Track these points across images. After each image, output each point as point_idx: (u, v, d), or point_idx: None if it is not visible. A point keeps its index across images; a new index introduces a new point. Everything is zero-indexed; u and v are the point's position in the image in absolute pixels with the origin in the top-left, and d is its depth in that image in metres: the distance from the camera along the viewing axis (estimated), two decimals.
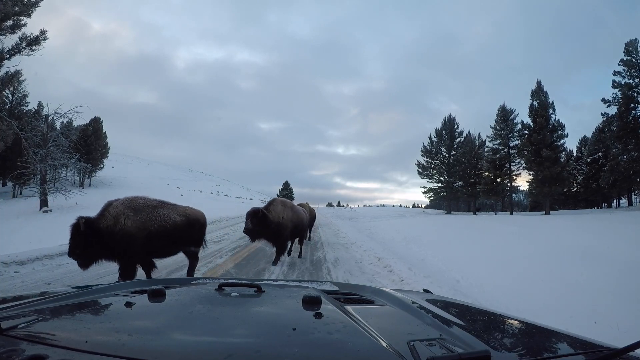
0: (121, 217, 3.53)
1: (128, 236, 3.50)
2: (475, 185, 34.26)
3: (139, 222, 3.61)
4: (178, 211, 4.02)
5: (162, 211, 3.87)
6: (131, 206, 3.68)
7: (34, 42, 15.49)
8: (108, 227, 3.44)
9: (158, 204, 3.96)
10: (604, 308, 3.81)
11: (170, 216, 3.89)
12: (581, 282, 4.86)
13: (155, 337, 0.67)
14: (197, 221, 4.22)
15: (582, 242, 8.74)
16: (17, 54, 15.37)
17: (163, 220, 3.80)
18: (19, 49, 15.31)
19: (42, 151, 18.11)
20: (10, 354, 0.53)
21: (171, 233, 3.81)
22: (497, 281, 5.04)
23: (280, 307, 0.93)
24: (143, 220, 3.65)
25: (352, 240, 9.62)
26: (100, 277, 4.39)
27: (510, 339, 0.87)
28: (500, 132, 32.46)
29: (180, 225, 3.92)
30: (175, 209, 4.02)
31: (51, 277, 4.46)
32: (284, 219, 5.69)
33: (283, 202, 6.07)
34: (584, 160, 37.01)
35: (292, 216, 5.95)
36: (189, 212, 4.16)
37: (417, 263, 6.42)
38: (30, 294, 1.04)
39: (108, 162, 42.03)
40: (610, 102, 26.41)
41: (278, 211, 5.66)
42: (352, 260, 6.47)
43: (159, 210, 3.86)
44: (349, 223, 17.55)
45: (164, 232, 3.76)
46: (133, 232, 3.54)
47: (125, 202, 3.73)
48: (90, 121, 35.55)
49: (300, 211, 6.53)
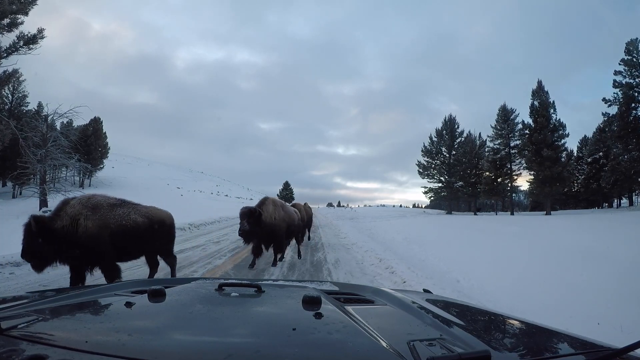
0: (80, 217, 3.29)
1: (93, 237, 3.26)
2: (475, 185, 34.24)
3: (99, 221, 3.37)
4: (140, 211, 3.75)
5: (122, 210, 3.60)
6: (89, 205, 3.42)
7: (32, 41, 15.35)
8: (64, 228, 3.20)
9: (117, 202, 3.69)
10: (607, 309, 3.78)
11: (131, 216, 3.61)
12: (583, 283, 4.83)
13: (155, 337, 0.67)
14: (162, 223, 3.90)
15: (583, 243, 8.72)
16: (15, 53, 15.23)
17: (122, 219, 3.53)
18: (16, 48, 15.18)
19: (42, 151, 18.07)
20: (10, 354, 0.53)
21: (131, 234, 3.53)
22: (498, 282, 5.01)
23: (280, 307, 0.92)
24: (103, 218, 3.40)
25: (352, 240, 9.55)
26: (96, 279, 4.30)
27: (510, 339, 0.87)
28: (501, 132, 32.44)
29: (142, 226, 3.63)
30: (136, 209, 3.74)
31: (46, 278, 4.34)
32: (277, 219, 5.46)
33: (274, 201, 5.79)
34: (585, 160, 36.97)
35: (284, 216, 5.73)
36: (152, 212, 3.85)
37: (418, 264, 6.39)
38: (30, 294, 1.04)
39: (108, 162, 42.03)
40: (611, 101, 26.40)
41: (270, 211, 5.38)
42: (353, 261, 6.40)
43: (118, 209, 3.59)
44: (350, 223, 17.50)
45: (123, 233, 3.48)
46: (96, 232, 3.29)
47: (82, 200, 3.47)
48: (90, 121, 35.55)
49: (292, 211, 6.36)
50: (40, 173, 18.76)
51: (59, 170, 29.26)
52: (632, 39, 25.67)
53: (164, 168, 78.95)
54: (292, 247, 7.36)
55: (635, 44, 25.44)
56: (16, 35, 15.19)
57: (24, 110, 29.79)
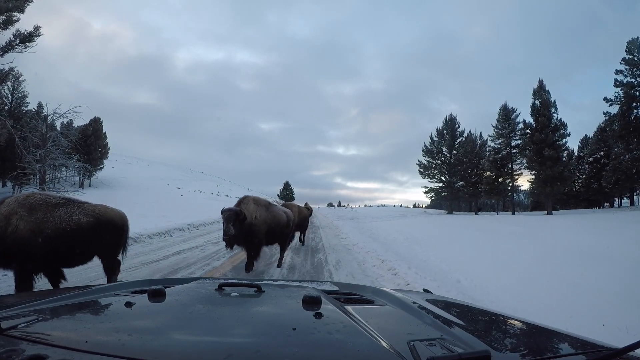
0: (13, 217, 3.05)
1: (20, 241, 3.03)
2: (476, 185, 34.12)
3: (33, 224, 3.12)
4: (86, 210, 3.48)
5: (65, 210, 3.34)
6: (26, 204, 3.18)
7: (28, 39, 15.15)
8: None
9: (61, 201, 3.43)
10: (612, 310, 3.74)
11: (74, 217, 3.35)
12: (586, 284, 4.80)
13: (155, 337, 0.67)
14: (111, 223, 3.59)
15: (586, 243, 8.65)
16: (11, 51, 15.05)
17: (63, 221, 3.28)
18: (12, 46, 15.01)
19: (41, 151, 18.02)
20: (10, 354, 0.53)
21: (74, 237, 3.27)
22: (501, 282, 5.00)
23: (280, 307, 0.92)
24: (39, 221, 3.16)
25: (354, 241, 9.42)
26: (92, 280, 4.17)
27: (510, 338, 0.87)
28: (502, 132, 32.30)
29: (86, 227, 3.37)
30: (82, 208, 3.48)
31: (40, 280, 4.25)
32: (257, 219, 5.03)
33: (256, 200, 5.34)
34: (586, 160, 36.84)
35: (267, 217, 5.25)
36: (100, 211, 3.56)
37: (420, 264, 6.36)
38: (30, 294, 1.04)
39: (108, 162, 41.99)
40: (613, 101, 26.32)
41: (251, 210, 4.98)
42: (355, 262, 6.31)
43: (60, 209, 3.34)
44: (351, 224, 17.40)
45: (65, 236, 3.23)
46: (26, 236, 3.06)
47: (19, 199, 3.23)
48: (90, 121, 35.49)
49: (280, 212, 5.72)
50: (39, 173, 18.69)
51: (59, 170, 29.18)
52: (633, 38, 25.63)
53: (164, 168, 78.86)
54: (291, 249, 7.29)
55: (636, 43, 25.37)
56: (12, 33, 15.09)
57: (23, 110, 29.76)
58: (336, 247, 8.41)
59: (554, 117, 28.68)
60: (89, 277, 4.30)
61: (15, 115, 26.39)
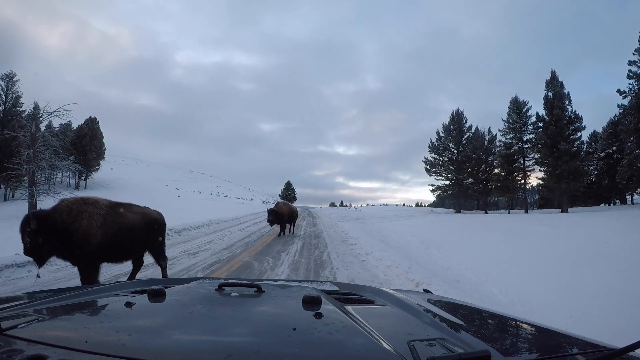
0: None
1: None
2: (486, 182, 32.83)
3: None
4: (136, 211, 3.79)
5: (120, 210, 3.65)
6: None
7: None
8: None
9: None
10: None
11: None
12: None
13: (156, 337, 0.67)
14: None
15: (633, 244, 7.52)
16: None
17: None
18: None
19: (29, 151, 17.12)
20: (10, 354, 0.53)
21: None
22: (545, 295, 4.30)
23: (280, 307, 0.92)
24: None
25: (365, 248, 8.13)
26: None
27: (510, 338, 0.86)
28: (513, 125, 30.74)
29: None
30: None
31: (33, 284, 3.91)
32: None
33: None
34: (597, 155, 35.43)
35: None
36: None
37: (441, 273, 5.59)
38: (30, 294, 1.05)
39: (106, 163, 41.24)
40: (626, 93, 25.28)
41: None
42: (376, 283, 4.55)
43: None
44: (357, 225, 16.23)
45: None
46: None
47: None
48: (86, 121, 34.69)
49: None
50: (28, 174, 17.82)
51: (54, 172, 28.29)
52: None
53: (164, 169, 78.19)
54: (288, 265, 6.28)
55: None
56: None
57: (18, 110, 28.97)
58: (345, 257, 7.07)
59: (567, 109, 27.38)
60: None
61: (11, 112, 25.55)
